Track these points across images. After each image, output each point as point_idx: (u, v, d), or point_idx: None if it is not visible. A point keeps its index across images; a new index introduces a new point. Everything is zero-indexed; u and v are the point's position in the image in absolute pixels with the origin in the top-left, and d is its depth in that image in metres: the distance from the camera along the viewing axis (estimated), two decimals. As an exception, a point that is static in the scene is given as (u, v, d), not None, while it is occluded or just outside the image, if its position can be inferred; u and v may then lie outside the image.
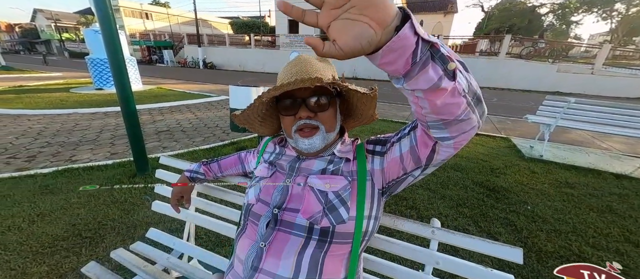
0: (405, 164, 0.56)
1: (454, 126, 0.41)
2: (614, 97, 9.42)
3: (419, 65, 0.34)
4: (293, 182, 0.64)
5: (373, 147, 0.65)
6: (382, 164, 0.61)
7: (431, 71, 0.34)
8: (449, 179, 2.52)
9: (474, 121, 0.41)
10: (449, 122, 0.41)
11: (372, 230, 0.63)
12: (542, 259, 1.56)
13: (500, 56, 11.88)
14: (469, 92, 0.38)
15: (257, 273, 0.57)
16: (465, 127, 0.42)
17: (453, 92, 0.36)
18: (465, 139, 0.45)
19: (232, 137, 3.75)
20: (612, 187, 2.43)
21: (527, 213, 2.00)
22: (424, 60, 0.33)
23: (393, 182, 0.61)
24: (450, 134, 0.43)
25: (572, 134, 4.22)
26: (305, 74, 0.58)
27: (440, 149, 0.48)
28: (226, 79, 12.70)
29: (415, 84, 0.36)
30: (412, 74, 0.35)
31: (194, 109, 5.53)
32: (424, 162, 0.52)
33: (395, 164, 0.58)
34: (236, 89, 2.58)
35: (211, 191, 1.07)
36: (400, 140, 0.57)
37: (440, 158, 0.50)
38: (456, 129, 0.42)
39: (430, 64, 0.34)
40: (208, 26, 33.74)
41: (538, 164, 2.89)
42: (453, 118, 0.40)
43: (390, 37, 0.32)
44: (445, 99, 0.37)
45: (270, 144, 0.81)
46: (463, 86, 0.37)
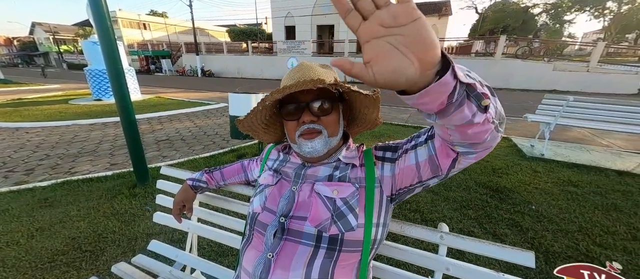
0: (421, 172, 0.54)
1: (480, 145, 0.41)
2: (610, 93, 9.48)
3: (454, 105, 0.33)
4: (299, 189, 0.63)
5: (383, 153, 0.63)
6: (394, 170, 0.59)
7: (466, 109, 0.34)
8: (451, 180, 2.50)
9: (498, 137, 0.41)
10: (477, 143, 0.41)
11: (381, 238, 0.62)
12: (549, 260, 1.54)
13: (496, 57, 11.99)
14: (496, 117, 0.37)
15: None
16: (490, 145, 0.42)
17: (484, 123, 0.36)
18: (488, 151, 0.44)
19: (233, 144, 3.74)
20: (615, 185, 2.42)
21: (532, 213, 1.98)
22: (459, 100, 0.33)
23: (404, 190, 0.59)
24: (475, 150, 0.43)
25: (572, 132, 4.22)
26: (308, 78, 0.57)
27: (462, 160, 0.47)
28: (225, 86, 12.74)
29: (449, 121, 0.36)
30: (447, 114, 0.34)
31: (194, 117, 5.53)
32: (445, 172, 0.51)
33: (410, 171, 0.56)
34: (236, 97, 2.58)
35: (213, 200, 1.05)
36: (416, 148, 0.55)
37: (460, 167, 0.50)
38: (482, 147, 0.42)
39: (466, 104, 0.33)
40: (205, 35, 33.98)
41: (540, 163, 2.88)
42: (480, 140, 0.40)
43: (428, 81, 0.31)
44: (475, 129, 0.37)
45: (274, 151, 0.80)
46: (492, 115, 0.36)
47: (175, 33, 30.39)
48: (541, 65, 11.39)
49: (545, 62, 11.48)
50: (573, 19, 26.13)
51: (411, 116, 5.69)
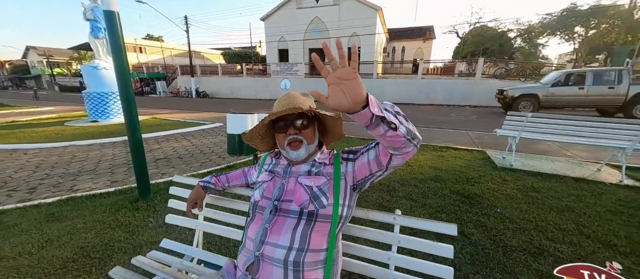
0: (371, 167, 0.81)
1: (400, 150, 0.69)
2: (582, 110, 10.21)
3: (373, 125, 0.61)
4: (287, 181, 0.88)
5: (347, 155, 0.90)
6: (354, 167, 0.86)
7: (381, 128, 0.61)
8: (429, 189, 2.77)
9: (412, 147, 0.69)
10: (397, 148, 0.68)
11: (346, 215, 0.87)
12: (507, 252, 1.78)
13: (476, 77, 12.84)
14: (407, 134, 0.65)
15: (264, 244, 0.79)
16: (407, 150, 0.69)
17: (396, 136, 0.63)
18: (409, 155, 0.71)
19: (228, 161, 3.94)
20: (571, 190, 2.74)
21: (497, 215, 2.25)
22: (376, 123, 0.61)
23: (361, 180, 0.86)
24: (398, 153, 0.70)
25: (542, 145, 4.62)
26: (292, 105, 0.85)
27: (394, 158, 0.75)
28: (219, 106, 13.04)
29: (373, 133, 0.64)
30: (370, 128, 0.62)
31: (190, 136, 5.73)
32: (385, 166, 0.78)
33: (364, 167, 0.83)
34: (233, 117, 2.84)
35: (217, 201, 1.28)
36: (368, 151, 0.83)
37: (395, 163, 0.77)
38: (402, 151, 0.69)
39: (380, 125, 0.61)
40: (201, 57, 34.87)
41: (508, 172, 3.20)
42: (398, 147, 0.67)
43: (358, 110, 0.58)
44: (391, 139, 0.64)
45: (268, 158, 1.06)
46: (403, 132, 0.64)
47: (171, 56, 31.12)
48: (517, 85, 12.22)
49: (521, 82, 12.35)
50: (546, 42, 28.27)
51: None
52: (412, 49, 30.09)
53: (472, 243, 1.88)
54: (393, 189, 2.79)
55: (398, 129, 0.63)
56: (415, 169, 3.36)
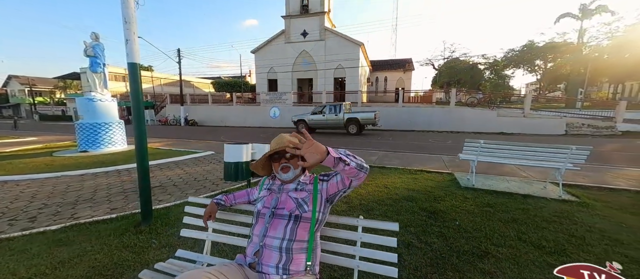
0: (338, 186, 1.24)
1: (355, 177, 1.13)
2: (543, 134, 11.35)
3: (336, 164, 1.05)
4: (280, 195, 1.29)
5: (323, 177, 1.33)
6: (327, 185, 1.28)
7: (340, 165, 1.05)
8: (402, 208, 3.20)
9: (362, 174, 1.12)
10: (353, 176, 1.13)
11: (322, 219, 1.27)
12: (459, 256, 2.19)
13: (450, 105, 14.04)
14: (357, 167, 1.09)
15: (265, 237, 1.17)
16: (359, 176, 1.13)
17: (351, 169, 1.08)
18: (362, 179, 1.15)
19: (222, 187, 4.23)
20: (519, 205, 3.25)
21: (455, 227, 2.68)
22: (337, 163, 1.05)
23: (332, 195, 1.28)
24: (355, 178, 1.15)
25: (505, 168, 5.25)
26: (283, 144, 1.29)
27: (353, 181, 1.18)
28: (209, 134, 13.27)
29: (337, 169, 1.08)
30: (335, 167, 1.07)
31: (182, 165, 5.96)
32: (348, 186, 1.21)
33: (334, 186, 1.26)
34: (230, 147, 3.22)
35: (223, 214, 1.64)
36: (337, 175, 1.26)
37: (354, 184, 1.20)
38: (356, 177, 1.13)
39: (340, 164, 1.06)
40: (191, 86, 35.48)
41: (470, 191, 3.71)
42: (353, 175, 1.12)
43: (325, 158, 1.01)
44: (348, 170, 1.08)
45: (266, 180, 1.47)
46: (354, 166, 1.09)
47: (161, 85, 31.52)
48: (487, 112, 13.49)
49: (490, 110, 13.63)
50: (512, 73, 31.35)
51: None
52: (394, 79, 32.30)
53: (432, 250, 2.28)
54: (371, 208, 3.19)
55: (350, 164, 1.08)
56: (392, 191, 3.80)
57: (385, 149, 8.12)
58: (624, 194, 3.69)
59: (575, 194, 3.56)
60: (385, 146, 8.92)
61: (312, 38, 21.89)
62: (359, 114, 12.08)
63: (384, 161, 6.20)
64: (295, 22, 22.24)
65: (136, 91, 2.57)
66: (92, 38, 7.27)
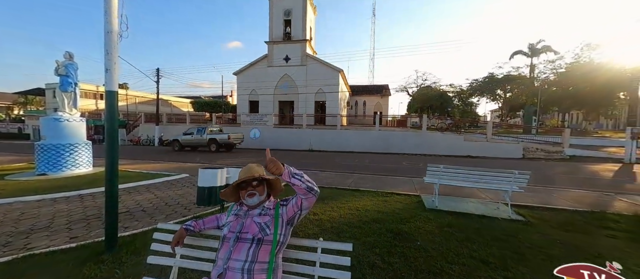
0: (294, 209, 1.42)
1: (306, 196, 1.34)
2: (504, 157, 12.42)
3: (290, 179, 1.27)
4: (246, 220, 1.43)
5: (283, 202, 1.51)
6: (286, 209, 1.46)
7: (294, 180, 1.28)
8: (370, 229, 3.38)
9: (311, 195, 1.34)
10: (304, 195, 1.33)
11: (283, 241, 1.42)
12: (417, 274, 2.38)
13: (422, 130, 15.01)
14: (306, 188, 1.31)
15: (229, 260, 1.30)
16: (309, 196, 1.34)
17: (300, 186, 1.30)
18: (312, 200, 1.37)
19: (195, 212, 4.16)
20: (475, 224, 3.58)
21: (417, 247, 2.90)
22: (290, 178, 1.27)
23: (291, 217, 1.45)
24: (305, 198, 1.35)
25: (466, 190, 5.70)
26: (250, 174, 1.47)
27: (304, 202, 1.38)
28: (185, 156, 12.86)
29: (290, 183, 1.29)
30: (290, 180, 1.28)
31: (154, 188, 5.75)
32: (300, 208, 1.40)
33: (291, 209, 1.44)
34: (204, 172, 3.28)
35: (194, 240, 1.72)
36: (293, 200, 1.45)
37: (305, 205, 1.39)
38: (307, 196, 1.34)
39: (293, 179, 1.28)
40: (168, 105, 34.48)
41: (433, 212, 4.01)
42: (304, 194, 1.33)
43: (282, 173, 1.25)
44: (299, 188, 1.30)
45: (234, 206, 1.60)
46: (304, 187, 1.30)
47: (135, 103, 30.32)
48: (455, 136, 14.58)
49: (458, 135, 14.75)
50: (477, 101, 34.41)
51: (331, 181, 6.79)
52: (372, 103, 33.96)
53: (394, 270, 2.46)
54: (342, 230, 3.34)
55: (301, 185, 1.29)
56: (363, 213, 4.00)
57: (361, 172, 8.42)
58: (562, 214, 4.20)
59: (522, 214, 3.99)
60: (361, 169, 9.25)
61: (294, 63, 22.76)
62: (217, 135, 14.94)
63: (359, 184, 6.45)
64: (278, 47, 23.12)
65: (112, 118, 2.63)
66: (65, 57, 7.09)
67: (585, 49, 25.39)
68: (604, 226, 3.66)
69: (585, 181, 7.41)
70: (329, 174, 7.87)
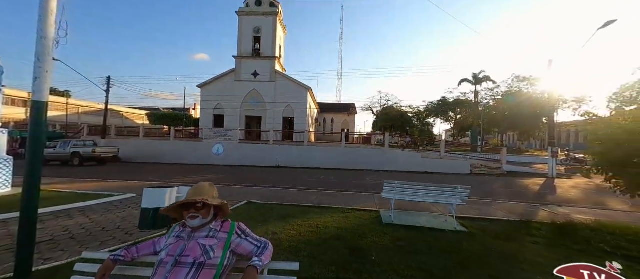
0: (248, 254, 1.40)
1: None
2: (455, 173, 13.68)
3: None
4: (188, 243, 1.35)
5: (240, 232, 1.46)
6: (239, 243, 1.41)
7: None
8: (329, 247, 3.39)
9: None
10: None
11: (229, 264, 1.37)
12: (369, 289, 2.44)
13: (385, 147, 15.88)
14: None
15: None
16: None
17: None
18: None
19: (137, 237, 3.73)
20: (425, 237, 3.83)
21: (371, 262, 2.99)
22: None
23: (239, 254, 1.42)
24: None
25: (422, 204, 6.09)
26: (196, 195, 1.41)
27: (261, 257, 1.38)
28: (135, 173, 11.59)
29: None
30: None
31: (90, 211, 5.04)
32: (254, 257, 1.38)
33: (243, 250, 1.40)
34: (150, 191, 3.00)
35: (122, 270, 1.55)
36: (253, 246, 1.42)
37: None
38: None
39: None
40: (119, 117, 31.21)
41: (389, 227, 4.20)
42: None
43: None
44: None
45: (177, 227, 1.51)
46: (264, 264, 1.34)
47: (78, 113, 26.84)
48: (414, 154, 15.70)
49: (416, 152, 15.92)
50: (433, 121, 37.83)
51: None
52: (340, 120, 35.13)
53: (348, 286, 2.49)
54: (299, 249, 3.29)
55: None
56: (322, 230, 4.01)
57: (326, 188, 8.50)
58: (499, 224, 4.73)
59: (466, 226, 4.40)
60: (327, 185, 9.34)
61: (262, 79, 22.70)
62: (81, 149, 14.89)
63: (323, 200, 6.48)
64: (247, 62, 22.95)
65: (38, 132, 2.32)
66: (-14, 58, 6.09)
67: (515, 80, 30.19)
68: (529, 234, 4.21)
69: (517, 194, 8.49)
70: (294, 192, 7.78)
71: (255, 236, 1.48)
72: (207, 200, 1.42)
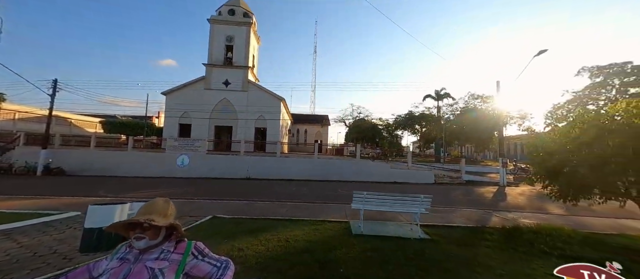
0: (202, 275, 1.30)
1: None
2: (421, 183, 14.47)
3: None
4: (134, 266, 1.22)
5: (197, 253, 1.35)
6: (196, 264, 1.30)
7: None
8: (298, 261, 3.31)
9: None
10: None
11: None
12: (336, 303, 2.42)
13: (356, 158, 16.29)
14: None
15: None
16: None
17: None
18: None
19: (78, 262, 3.26)
20: (392, 246, 3.94)
21: (340, 274, 2.98)
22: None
23: (193, 275, 1.31)
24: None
25: (389, 214, 6.30)
26: (142, 214, 1.29)
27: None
28: (83, 188, 10.27)
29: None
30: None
31: (19, 234, 4.30)
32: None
33: (200, 271, 1.30)
34: (95, 209, 2.68)
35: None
36: (212, 267, 1.32)
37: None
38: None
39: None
40: (67, 124, 27.77)
41: (358, 238, 4.25)
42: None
43: None
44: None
45: (122, 248, 1.36)
46: None
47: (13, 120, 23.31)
48: (384, 164, 16.32)
49: (386, 163, 16.57)
50: (401, 133, 39.95)
51: (289, 210, 6.65)
52: (313, 131, 35.36)
53: (315, 301, 2.43)
54: (267, 265, 3.16)
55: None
56: (292, 244, 3.91)
57: (298, 200, 8.38)
58: (458, 230, 5.06)
59: (429, 233, 4.63)
60: (298, 197, 9.21)
61: (234, 88, 22.10)
62: None
63: (293, 213, 6.36)
64: (218, 71, 22.23)
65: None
66: None
67: (470, 97, 33.47)
68: (483, 238, 4.56)
69: (474, 201, 9.23)
70: (264, 204, 7.54)
71: (214, 256, 1.38)
72: (153, 220, 1.28)
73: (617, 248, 4.23)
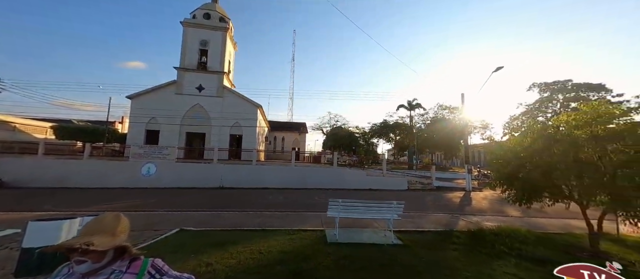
0: None
1: None
2: (395, 189, 14.95)
3: None
4: (78, 291, 1.08)
5: (154, 272, 1.21)
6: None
7: None
8: (271, 273, 3.20)
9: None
10: None
11: None
12: (309, 315, 2.36)
13: (334, 166, 16.42)
14: None
15: None
16: None
17: None
18: None
19: (13, 288, 2.83)
20: (367, 253, 3.98)
21: (314, 285, 2.92)
22: None
23: None
24: None
25: (364, 221, 6.38)
26: (84, 234, 1.14)
27: None
28: (24, 202, 9.04)
29: None
30: None
31: (-64, 259, 3.63)
32: None
33: None
34: (37, 225, 2.36)
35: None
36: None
37: None
38: None
39: None
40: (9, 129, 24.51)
41: (333, 246, 4.24)
42: None
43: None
44: None
45: (64, 269, 1.19)
46: None
47: (-62, 123, 20.04)
48: (360, 171, 16.63)
49: (362, 170, 16.91)
50: (377, 141, 41.24)
51: (264, 220, 6.45)
52: (291, 139, 35.10)
53: (287, 315, 2.35)
54: (238, 280, 3.01)
55: None
56: (265, 256, 3.78)
57: (274, 209, 8.17)
58: (428, 235, 5.28)
59: (402, 239, 4.77)
60: (274, 206, 8.98)
61: (208, 93, 21.29)
62: None
63: (268, 222, 6.17)
64: (191, 75, 21.31)
65: None
66: None
67: (439, 108, 35.75)
68: (452, 241, 4.80)
69: (444, 206, 9.73)
70: (238, 214, 7.22)
71: (175, 273, 1.25)
72: (91, 244, 1.08)
73: (566, 246, 4.70)
